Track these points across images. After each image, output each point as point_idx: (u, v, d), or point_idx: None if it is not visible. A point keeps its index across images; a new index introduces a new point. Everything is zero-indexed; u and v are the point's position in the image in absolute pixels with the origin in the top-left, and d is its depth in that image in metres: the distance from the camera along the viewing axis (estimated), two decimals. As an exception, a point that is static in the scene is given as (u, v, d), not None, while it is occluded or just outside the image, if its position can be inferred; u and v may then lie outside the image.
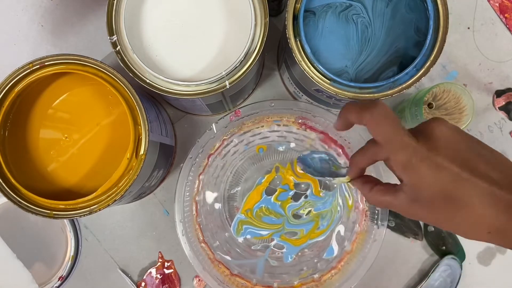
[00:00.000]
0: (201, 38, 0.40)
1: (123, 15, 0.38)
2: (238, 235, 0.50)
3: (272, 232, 0.50)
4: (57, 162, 0.41)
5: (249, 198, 0.50)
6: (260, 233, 0.50)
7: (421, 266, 0.54)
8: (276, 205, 0.50)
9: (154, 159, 0.43)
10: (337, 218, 0.50)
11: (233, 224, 0.50)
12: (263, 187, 0.50)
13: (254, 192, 0.50)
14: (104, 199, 0.38)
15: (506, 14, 0.55)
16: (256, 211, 0.50)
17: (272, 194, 0.50)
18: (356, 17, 0.40)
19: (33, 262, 0.52)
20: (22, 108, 0.40)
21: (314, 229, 0.50)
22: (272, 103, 0.45)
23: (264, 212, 0.50)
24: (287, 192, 0.50)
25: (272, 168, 0.51)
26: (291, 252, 0.50)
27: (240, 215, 0.50)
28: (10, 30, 0.54)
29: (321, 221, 0.50)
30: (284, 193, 0.50)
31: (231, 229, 0.50)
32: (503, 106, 0.55)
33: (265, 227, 0.50)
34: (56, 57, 0.38)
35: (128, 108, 0.38)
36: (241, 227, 0.50)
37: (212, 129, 0.44)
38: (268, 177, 0.51)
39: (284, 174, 0.50)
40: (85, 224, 0.54)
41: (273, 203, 0.50)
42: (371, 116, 0.29)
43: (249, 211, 0.50)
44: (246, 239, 0.50)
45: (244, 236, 0.50)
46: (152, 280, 0.54)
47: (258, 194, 0.50)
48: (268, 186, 0.50)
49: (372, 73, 0.41)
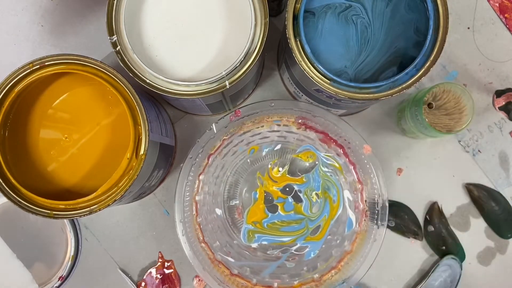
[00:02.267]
0: (201, 38, 0.40)
1: (123, 15, 0.38)
2: (250, 242, 0.49)
3: (295, 238, 0.49)
4: (57, 162, 0.41)
5: (251, 212, 0.50)
6: (281, 239, 0.49)
7: (421, 266, 0.54)
8: (290, 215, 0.49)
9: (154, 159, 0.43)
10: (336, 180, 0.49)
11: (242, 234, 0.49)
12: (261, 203, 0.50)
13: (255, 207, 0.50)
14: (104, 199, 0.38)
15: (506, 14, 0.55)
16: (268, 224, 0.49)
17: (276, 209, 0.50)
18: (355, 17, 0.40)
19: (33, 262, 0.52)
20: (22, 108, 0.40)
21: (332, 205, 0.49)
22: (272, 103, 0.45)
23: (282, 224, 0.49)
24: (288, 200, 0.50)
25: (256, 179, 0.50)
26: (315, 248, 0.49)
27: (247, 225, 0.49)
28: (10, 30, 0.54)
29: (329, 193, 0.49)
30: (286, 203, 0.50)
31: (240, 237, 0.49)
32: (503, 106, 0.55)
33: (287, 235, 0.49)
34: (56, 57, 0.38)
35: (128, 108, 0.38)
36: (253, 235, 0.49)
37: (212, 129, 0.44)
38: (260, 191, 0.50)
39: (267, 187, 0.50)
40: (85, 224, 0.54)
41: (285, 215, 0.49)
42: None
43: (257, 223, 0.49)
44: (261, 245, 0.49)
45: (258, 242, 0.49)
46: (152, 280, 0.54)
47: (261, 211, 0.50)
48: (268, 205, 0.50)
49: (372, 73, 0.41)
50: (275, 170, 0.50)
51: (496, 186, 0.54)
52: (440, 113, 0.49)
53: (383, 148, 0.55)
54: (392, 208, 0.53)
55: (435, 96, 0.49)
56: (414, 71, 0.38)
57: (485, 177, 0.54)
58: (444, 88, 0.48)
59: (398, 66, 0.41)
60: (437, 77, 0.55)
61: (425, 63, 0.38)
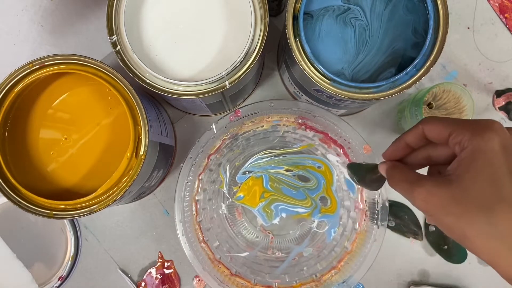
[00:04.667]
0: (201, 38, 0.40)
1: (123, 15, 0.38)
2: (271, 219, 0.50)
3: (310, 211, 0.50)
4: (57, 162, 0.41)
5: (251, 196, 0.51)
6: (296, 210, 0.50)
7: (421, 266, 0.54)
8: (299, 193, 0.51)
9: (154, 159, 0.43)
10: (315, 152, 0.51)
11: (260, 215, 0.50)
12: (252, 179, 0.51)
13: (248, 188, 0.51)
14: (104, 199, 0.38)
15: (506, 14, 0.55)
16: (270, 184, 0.50)
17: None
18: (354, 20, 0.40)
19: (33, 262, 0.52)
20: (22, 108, 0.40)
21: (320, 171, 0.50)
22: (272, 103, 0.45)
23: (280, 181, 0.50)
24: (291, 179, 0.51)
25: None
26: (334, 226, 0.49)
27: (257, 208, 0.50)
28: (10, 30, 0.54)
29: (316, 154, 0.50)
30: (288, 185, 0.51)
31: (261, 222, 0.51)
32: (503, 106, 0.55)
33: (298, 203, 0.50)
34: (56, 57, 0.38)
35: (128, 108, 0.38)
36: (269, 209, 0.50)
37: (212, 129, 0.44)
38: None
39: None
40: (85, 224, 0.54)
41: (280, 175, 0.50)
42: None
43: (264, 193, 0.50)
44: (261, 245, 0.50)
45: (278, 216, 0.50)
46: (152, 280, 0.54)
47: (258, 183, 0.51)
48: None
49: (370, 74, 0.41)
50: None
51: (496, 186, 0.54)
52: (440, 113, 0.49)
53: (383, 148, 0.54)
54: (392, 208, 0.53)
55: (435, 96, 0.49)
56: (414, 71, 0.38)
57: (485, 177, 0.54)
58: (444, 88, 0.48)
59: (397, 67, 0.41)
60: (437, 77, 0.55)
61: (425, 63, 0.38)
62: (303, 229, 0.52)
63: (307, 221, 0.51)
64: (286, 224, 0.52)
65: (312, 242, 0.51)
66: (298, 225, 0.52)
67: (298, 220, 0.52)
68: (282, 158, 0.51)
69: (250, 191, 0.50)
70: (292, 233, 0.52)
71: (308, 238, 0.51)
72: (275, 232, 0.52)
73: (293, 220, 0.52)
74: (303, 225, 0.52)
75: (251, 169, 0.51)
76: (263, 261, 0.50)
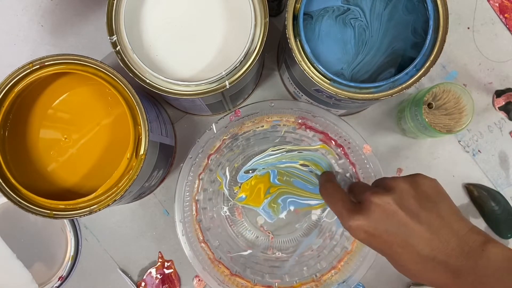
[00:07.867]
0: (201, 38, 0.40)
1: (123, 15, 0.38)
2: (278, 214, 0.50)
3: (322, 203, 0.50)
4: (57, 162, 0.41)
5: (255, 193, 0.50)
6: (308, 202, 0.50)
7: (421, 266, 0.54)
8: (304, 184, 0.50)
9: (154, 159, 0.43)
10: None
11: (264, 213, 0.50)
12: (256, 177, 0.50)
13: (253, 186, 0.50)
14: (104, 199, 0.38)
15: (506, 14, 0.55)
16: (278, 177, 0.50)
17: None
18: (353, 21, 0.40)
19: (33, 262, 0.52)
20: (22, 108, 0.40)
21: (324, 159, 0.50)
22: (272, 103, 0.45)
23: (289, 174, 0.50)
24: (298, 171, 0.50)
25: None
26: None
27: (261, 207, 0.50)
28: (10, 30, 0.54)
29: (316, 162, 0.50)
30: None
31: (266, 220, 0.50)
32: (503, 106, 0.55)
33: (309, 195, 0.50)
34: (56, 57, 0.38)
35: (128, 108, 0.38)
36: (276, 204, 0.50)
37: (212, 129, 0.44)
38: None
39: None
40: (85, 224, 0.54)
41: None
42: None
43: (270, 188, 0.50)
44: (262, 245, 0.49)
45: (286, 209, 0.50)
46: (152, 280, 0.54)
47: (264, 180, 0.50)
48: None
49: (369, 75, 0.41)
50: None
51: (496, 186, 0.54)
52: (440, 113, 0.49)
53: (383, 148, 0.55)
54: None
55: (435, 96, 0.49)
56: (414, 71, 0.38)
57: (485, 177, 0.54)
58: (444, 88, 0.48)
59: (396, 68, 0.41)
60: (437, 77, 0.55)
61: (425, 63, 0.38)
62: (311, 221, 0.51)
63: (315, 212, 0.51)
64: (292, 219, 0.51)
65: (320, 233, 0.50)
66: (306, 217, 0.51)
67: (304, 212, 0.51)
68: (297, 153, 0.50)
69: (254, 190, 0.50)
70: (299, 226, 0.51)
71: (317, 230, 0.50)
72: (276, 232, 0.52)
73: (300, 213, 0.51)
74: (310, 217, 0.51)
75: (254, 167, 0.50)
76: (263, 261, 0.50)
